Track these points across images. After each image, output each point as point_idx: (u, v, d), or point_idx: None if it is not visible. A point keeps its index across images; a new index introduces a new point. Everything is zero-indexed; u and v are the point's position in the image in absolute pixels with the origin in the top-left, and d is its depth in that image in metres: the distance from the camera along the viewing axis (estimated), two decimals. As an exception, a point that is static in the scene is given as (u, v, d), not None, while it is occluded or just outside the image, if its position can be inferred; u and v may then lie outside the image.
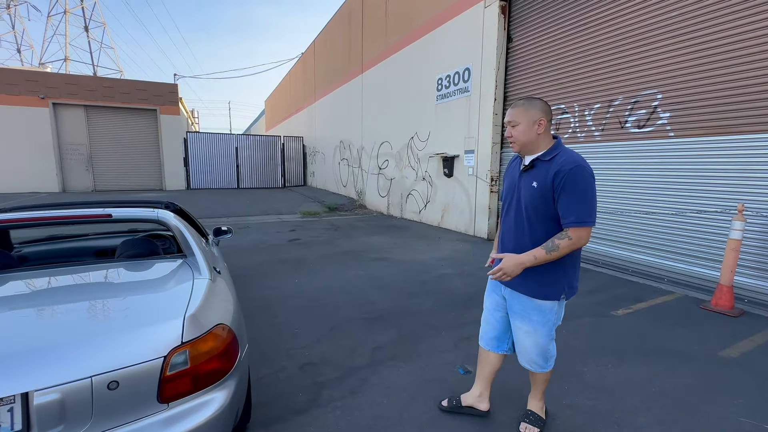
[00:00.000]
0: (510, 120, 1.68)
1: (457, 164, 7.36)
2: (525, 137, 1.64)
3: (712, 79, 3.79)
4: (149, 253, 2.18)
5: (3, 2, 40.46)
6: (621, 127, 4.63)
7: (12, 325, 1.36)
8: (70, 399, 1.12)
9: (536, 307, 1.70)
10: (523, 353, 1.82)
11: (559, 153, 1.61)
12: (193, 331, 1.36)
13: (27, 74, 14.36)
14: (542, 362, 1.81)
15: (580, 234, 1.53)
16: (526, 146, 1.66)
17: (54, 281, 1.73)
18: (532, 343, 1.76)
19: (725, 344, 2.85)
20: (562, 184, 1.53)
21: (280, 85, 24.62)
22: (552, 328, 1.75)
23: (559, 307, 1.73)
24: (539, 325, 1.72)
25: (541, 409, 1.95)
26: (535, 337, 1.74)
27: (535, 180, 1.62)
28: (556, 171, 1.55)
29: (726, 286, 3.45)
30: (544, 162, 1.63)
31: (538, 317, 1.72)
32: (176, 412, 1.29)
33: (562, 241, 1.53)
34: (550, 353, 1.81)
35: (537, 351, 1.77)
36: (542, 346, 1.76)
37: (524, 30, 5.97)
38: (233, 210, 10.44)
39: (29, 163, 14.06)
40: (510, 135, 1.69)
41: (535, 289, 1.68)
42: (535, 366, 1.82)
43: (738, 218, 3.37)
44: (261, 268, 4.88)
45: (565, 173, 1.53)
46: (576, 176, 1.52)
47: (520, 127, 1.65)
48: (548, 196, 1.58)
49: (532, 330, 1.74)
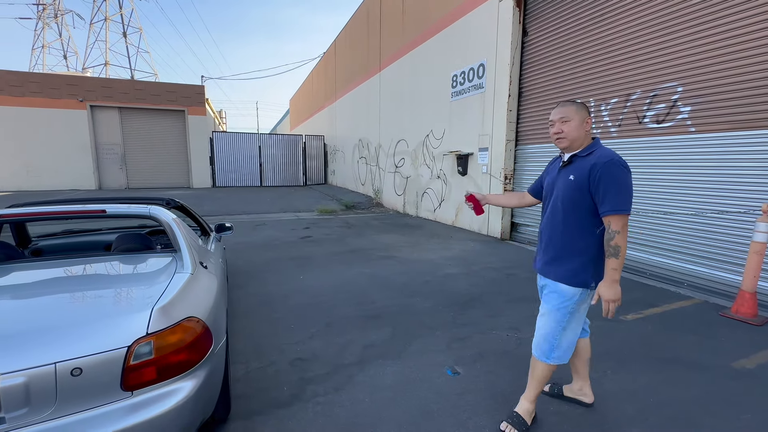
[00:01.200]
0: (562, 116, 1.74)
1: (471, 162, 7.23)
2: (576, 133, 1.73)
3: (735, 69, 3.53)
4: (143, 248, 2.28)
5: (51, 12, 43.26)
6: (639, 123, 4.39)
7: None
8: (34, 383, 1.18)
9: (557, 291, 1.77)
10: (536, 335, 1.88)
11: (597, 149, 1.71)
12: (160, 323, 1.41)
13: (68, 79, 15.32)
14: (546, 349, 1.82)
15: (619, 222, 1.59)
16: (574, 142, 1.74)
17: (43, 273, 1.84)
18: (544, 324, 1.83)
19: (741, 354, 2.65)
20: (599, 176, 1.61)
21: (303, 85, 25.03)
22: (566, 315, 1.77)
23: (580, 297, 1.75)
24: (554, 309, 1.78)
25: (528, 413, 1.91)
26: (548, 319, 1.80)
27: (572, 174, 1.72)
28: (592, 164, 1.64)
29: (748, 292, 3.21)
30: (582, 158, 1.73)
31: (556, 300, 1.78)
32: (140, 400, 1.34)
33: (615, 239, 1.60)
34: (557, 345, 1.81)
35: (543, 333, 1.82)
36: (550, 329, 1.80)
37: (540, 23, 5.77)
38: (253, 207, 10.71)
39: (69, 162, 15.00)
40: (560, 131, 1.75)
41: (563, 275, 1.75)
42: (538, 351, 1.85)
43: (763, 219, 3.12)
44: (269, 264, 4.98)
45: (601, 166, 1.61)
46: (611, 168, 1.60)
47: (573, 123, 1.73)
48: (584, 188, 1.66)
49: (548, 312, 1.81)
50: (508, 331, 3.00)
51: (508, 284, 4.20)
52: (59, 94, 14.67)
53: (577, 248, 1.73)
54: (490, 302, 3.63)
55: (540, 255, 1.92)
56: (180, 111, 16.36)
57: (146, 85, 16.15)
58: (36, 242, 3.00)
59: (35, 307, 1.54)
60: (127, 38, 42.85)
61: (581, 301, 1.76)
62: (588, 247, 1.71)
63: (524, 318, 3.25)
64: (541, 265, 1.90)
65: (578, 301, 1.75)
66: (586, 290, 1.75)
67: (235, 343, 2.79)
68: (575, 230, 1.73)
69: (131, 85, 15.89)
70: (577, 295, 1.74)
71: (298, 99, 27.86)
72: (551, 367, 1.84)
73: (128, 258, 2.13)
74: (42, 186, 14.71)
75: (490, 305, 3.55)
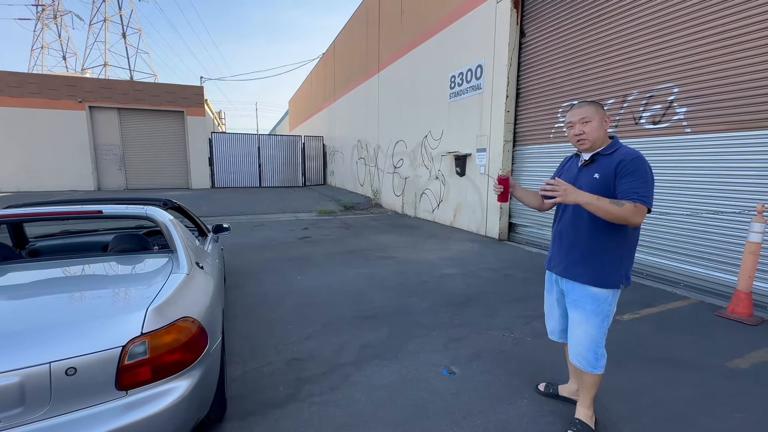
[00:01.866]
0: (583, 116, 1.71)
1: (470, 163, 7.25)
2: (597, 133, 1.70)
3: (732, 71, 3.55)
4: (140, 248, 2.29)
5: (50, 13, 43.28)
6: (635, 123, 4.41)
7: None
8: (29, 383, 1.19)
9: (590, 295, 1.72)
10: (574, 347, 1.82)
11: (620, 147, 1.70)
12: (154, 323, 1.42)
13: (67, 80, 15.33)
14: (592, 359, 1.76)
15: (641, 209, 1.53)
16: (596, 142, 1.71)
17: (39, 274, 1.85)
18: (583, 333, 1.76)
19: (736, 354, 2.66)
20: (626, 170, 1.59)
21: (303, 86, 25.05)
22: (605, 319, 1.73)
23: (613, 298, 1.73)
24: (592, 314, 1.73)
25: (590, 418, 1.86)
26: (587, 327, 1.74)
27: (596, 172, 1.69)
28: (620, 160, 1.63)
29: (744, 292, 3.22)
30: (605, 156, 1.70)
31: (591, 306, 1.73)
32: (135, 399, 1.34)
33: (628, 203, 1.53)
34: (602, 353, 1.77)
35: (588, 344, 1.76)
36: (594, 337, 1.74)
37: (537, 24, 5.80)
38: (252, 208, 10.72)
39: (68, 162, 14.99)
40: (582, 132, 1.72)
41: (594, 277, 1.70)
42: (584, 362, 1.78)
43: (757, 219, 3.14)
44: (267, 265, 4.99)
45: (629, 161, 1.61)
46: (639, 163, 1.60)
47: (594, 123, 1.70)
48: (610, 184, 1.63)
49: (585, 320, 1.75)
50: (505, 331, 3.01)
51: (505, 284, 4.21)
52: (58, 95, 14.66)
53: (607, 247, 1.69)
54: (487, 302, 3.64)
55: (560, 257, 1.85)
56: (179, 112, 16.36)
57: (145, 86, 16.15)
58: (33, 243, 3.01)
59: (31, 307, 1.54)
60: (126, 39, 42.87)
61: (613, 299, 1.74)
62: (617, 246, 1.68)
63: (521, 318, 3.26)
64: (564, 267, 1.82)
65: (612, 302, 1.73)
66: (617, 290, 1.73)
67: (231, 343, 2.80)
68: (604, 229, 1.67)
69: (130, 86, 15.90)
70: (610, 296, 1.72)
71: (297, 100, 27.87)
72: (600, 375, 1.79)
73: (125, 258, 2.14)
74: (41, 187, 14.70)
75: (487, 305, 3.56)
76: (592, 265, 1.71)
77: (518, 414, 2.02)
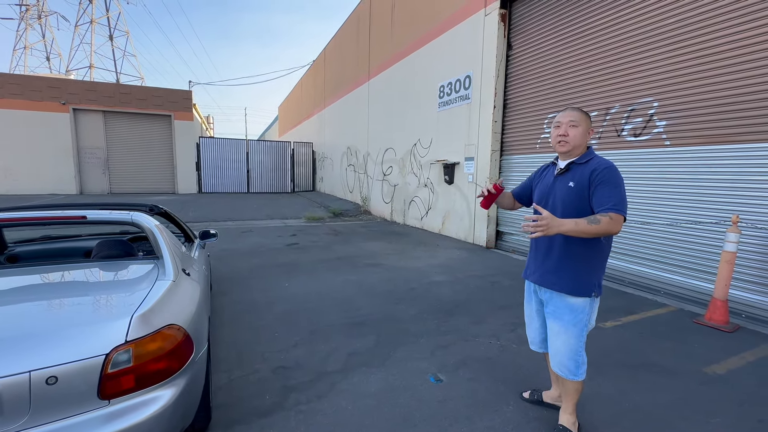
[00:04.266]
0: (572, 119, 1.76)
1: (458, 171, 7.34)
2: (580, 140, 1.76)
3: (708, 87, 3.70)
4: (124, 255, 2.25)
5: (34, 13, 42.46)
6: (617, 136, 4.55)
7: None
8: (7, 392, 1.17)
9: (568, 306, 1.77)
10: (555, 355, 1.85)
11: (594, 158, 1.76)
12: (139, 330, 1.40)
13: (50, 81, 15.01)
14: (572, 367, 1.80)
15: (617, 219, 1.58)
16: (576, 148, 1.78)
17: (19, 280, 1.81)
18: (563, 344, 1.79)
19: (713, 360, 2.75)
20: (599, 179, 1.65)
21: (293, 92, 25.05)
22: (583, 329, 1.78)
23: (590, 307, 1.78)
24: (570, 324, 1.77)
25: (573, 424, 1.89)
26: (566, 337, 1.78)
27: (571, 181, 1.75)
28: (593, 169, 1.69)
29: (720, 300, 3.33)
30: (579, 165, 1.76)
31: (569, 316, 1.77)
32: (117, 409, 1.32)
33: (604, 218, 1.56)
34: (582, 361, 1.81)
35: (567, 353, 1.79)
36: (573, 347, 1.78)
37: (524, 37, 5.95)
38: (240, 214, 10.61)
39: (50, 165, 14.63)
40: (566, 134, 1.76)
41: (568, 285, 1.75)
42: (565, 371, 1.81)
43: (732, 230, 3.26)
44: (254, 271, 4.94)
45: (601, 170, 1.67)
46: (611, 173, 1.66)
47: (580, 129, 1.76)
48: (584, 193, 1.70)
49: (563, 330, 1.79)
50: (491, 338, 3.05)
51: (492, 292, 4.26)
52: (40, 97, 14.35)
53: (580, 255, 1.73)
54: (474, 310, 3.68)
55: (536, 265, 1.88)
56: (166, 116, 16.16)
57: (132, 89, 15.93)
58: (12, 248, 2.93)
59: (10, 315, 1.51)
60: (113, 41, 42.29)
61: (592, 309, 1.79)
62: (591, 254, 1.73)
63: (507, 325, 3.30)
64: (539, 275, 1.86)
65: (589, 310, 1.77)
66: (595, 299, 1.78)
67: (218, 350, 2.76)
68: (577, 238, 1.68)
69: (116, 89, 15.66)
70: (587, 305, 1.76)
71: (287, 106, 27.83)
72: (582, 381, 1.83)
73: (108, 265, 2.11)
74: (20, 190, 14.28)
75: (474, 313, 3.60)
76: (567, 273, 1.75)
77: (504, 421, 2.05)
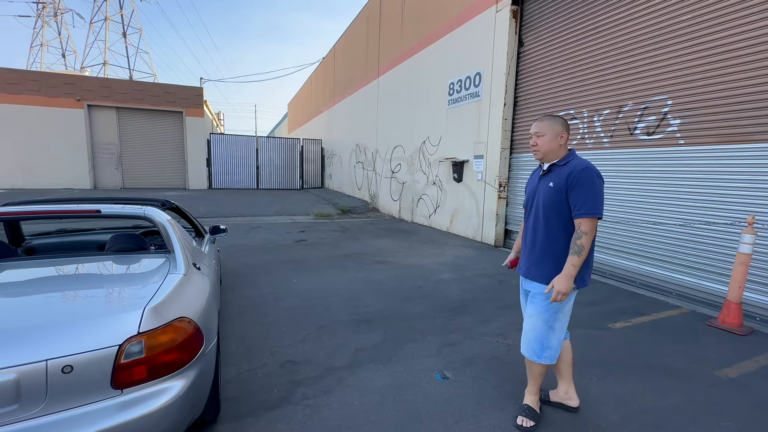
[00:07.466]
0: (537, 131, 1.93)
1: (467, 169, 7.30)
2: (548, 147, 1.90)
3: (724, 85, 3.62)
4: (137, 248, 2.30)
5: (51, 10, 43.24)
6: (630, 134, 4.48)
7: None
8: (25, 380, 1.20)
9: (542, 292, 1.89)
10: (524, 336, 2.00)
11: (573, 159, 1.87)
12: (151, 322, 1.43)
13: (66, 78, 15.29)
14: (537, 349, 1.93)
15: (589, 224, 1.74)
16: (547, 154, 1.92)
17: (36, 272, 1.86)
18: (532, 325, 1.94)
19: (725, 363, 2.70)
20: (575, 181, 1.78)
21: (302, 89, 25.13)
22: (554, 315, 1.89)
23: None
24: (542, 309, 1.90)
25: (536, 403, 2.05)
26: (536, 319, 1.93)
27: (552, 181, 1.88)
28: (569, 172, 1.81)
29: (734, 302, 3.27)
30: (560, 167, 1.89)
31: (542, 302, 1.90)
32: (130, 398, 1.35)
33: (582, 239, 1.73)
34: (547, 345, 1.92)
35: (533, 334, 1.93)
36: (539, 329, 1.91)
37: (535, 34, 5.88)
38: (249, 210, 10.71)
39: (65, 161, 14.93)
40: (535, 144, 1.94)
41: (548, 278, 1.87)
42: (530, 352, 1.95)
43: (748, 231, 3.19)
44: (263, 267, 4.99)
45: (577, 172, 1.78)
46: (585, 175, 1.77)
47: (545, 138, 1.90)
48: (562, 193, 1.82)
49: (536, 313, 1.93)
50: (498, 337, 3.04)
51: (499, 291, 4.24)
52: (57, 93, 14.62)
53: (558, 251, 1.86)
54: (481, 308, 3.67)
55: (524, 259, 2.04)
56: (178, 112, 16.35)
57: (144, 86, 16.14)
58: (29, 241, 3.01)
59: (27, 305, 1.55)
60: (126, 38, 42.87)
61: (565, 301, 1.88)
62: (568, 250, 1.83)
63: (514, 324, 3.28)
64: (525, 268, 2.01)
65: (564, 302, 1.86)
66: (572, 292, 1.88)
67: (226, 344, 2.80)
68: (556, 234, 1.86)
69: (129, 86, 15.89)
70: None
71: (296, 103, 27.95)
72: (546, 366, 1.96)
73: (122, 258, 2.15)
74: (37, 184, 14.61)
75: (482, 311, 3.59)
76: (548, 266, 1.89)
77: (510, 420, 2.04)
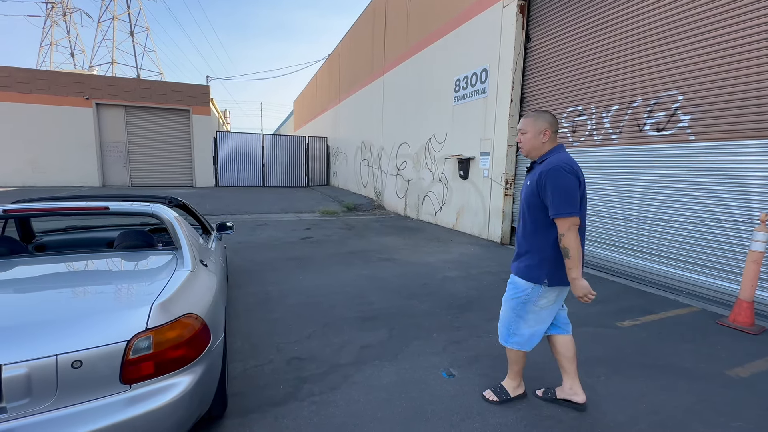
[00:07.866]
0: (520, 128, 1.99)
1: (473, 166, 7.26)
2: (530, 144, 1.95)
3: (736, 79, 3.55)
4: (145, 245, 2.32)
5: (59, 10, 43.69)
6: (639, 130, 4.41)
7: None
8: (36, 374, 1.22)
9: (513, 282, 2.03)
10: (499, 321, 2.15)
11: (549, 158, 1.87)
12: (159, 318, 1.44)
13: (75, 77, 15.46)
14: (505, 334, 2.09)
15: (563, 225, 1.77)
16: (530, 152, 1.97)
17: (46, 268, 1.88)
18: (503, 311, 2.12)
19: (736, 363, 2.66)
20: (544, 182, 1.81)
21: (308, 87, 25.15)
22: (518, 305, 1.99)
23: (533, 291, 1.94)
24: (509, 297, 2.05)
25: (512, 387, 2.16)
26: (504, 307, 2.09)
27: (530, 179, 1.94)
28: (541, 171, 1.84)
29: (746, 301, 3.22)
30: (538, 165, 1.93)
31: (511, 291, 2.04)
32: (138, 393, 1.37)
33: (562, 241, 1.77)
34: (515, 332, 2.04)
35: (502, 319, 2.11)
36: (507, 316, 2.07)
37: (543, 29, 5.81)
38: (255, 207, 10.76)
39: (74, 159, 15.12)
40: (519, 140, 2.01)
41: (521, 270, 1.97)
42: (500, 335, 2.13)
43: (761, 229, 3.13)
44: (269, 264, 5.02)
45: (545, 173, 1.80)
46: (551, 175, 1.78)
47: (527, 135, 1.95)
48: (536, 192, 1.86)
49: (504, 301, 2.09)
50: (504, 335, 3.02)
51: (505, 288, 4.20)
52: (66, 92, 14.80)
53: (535, 246, 1.92)
54: (487, 306, 3.65)
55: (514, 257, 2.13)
56: (185, 110, 16.47)
57: (152, 84, 16.27)
58: (40, 237, 3.05)
59: (38, 301, 1.57)
60: (134, 37, 43.20)
61: (535, 295, 1.93)
62: (543, 247, 1.89)
63: (521, 322, 3.26)
64: (513, 265, 2.10)
65: (530, 294, 1.93)
66: (539, 286, 1.91)
67: (233, 341, 2.82)
68: (533, 230, 1.92)
69: (137, 84, 16.02)
70: (529, 288, 1.93)
71: (302, 100, 27.99)
72: (517, 351, 2.07)
73: (130, 255, 2.17)
74: (46, 182, 14.82)
75: (487, 309, 3.57)
76: (523, 260, 1.98)
77: (517, 417, 2.03)
